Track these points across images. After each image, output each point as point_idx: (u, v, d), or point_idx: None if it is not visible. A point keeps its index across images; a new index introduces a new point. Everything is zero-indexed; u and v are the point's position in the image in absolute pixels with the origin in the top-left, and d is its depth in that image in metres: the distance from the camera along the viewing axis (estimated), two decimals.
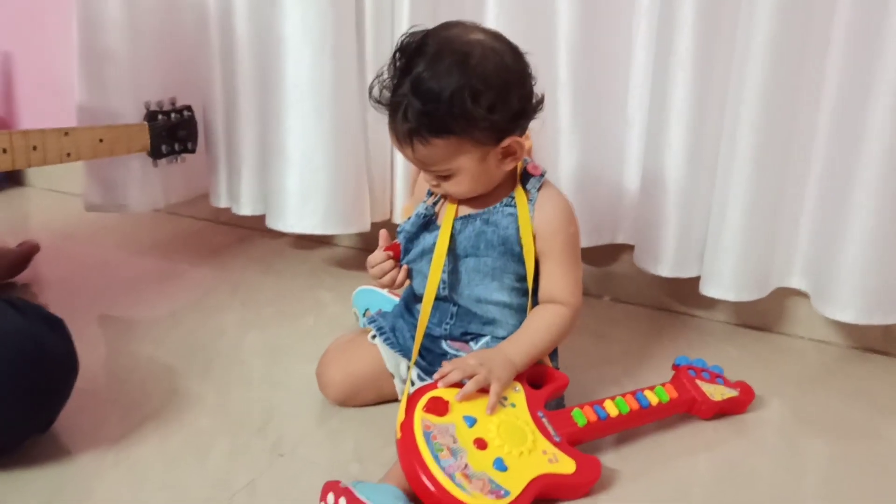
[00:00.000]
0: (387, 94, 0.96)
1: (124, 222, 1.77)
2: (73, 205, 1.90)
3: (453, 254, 1.02)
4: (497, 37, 0.97)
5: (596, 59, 1.31)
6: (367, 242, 1.67)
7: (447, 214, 1.02)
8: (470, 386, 0.93)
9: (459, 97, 0.90)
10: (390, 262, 1.05)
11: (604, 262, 1.47)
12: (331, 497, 0.84)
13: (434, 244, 1.02)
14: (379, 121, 1.49)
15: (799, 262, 1.28)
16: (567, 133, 1.33)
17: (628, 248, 1.43)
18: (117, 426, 1.06)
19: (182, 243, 1.73)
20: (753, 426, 1.10)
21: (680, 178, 1.26)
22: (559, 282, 1.01)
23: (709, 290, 1.28)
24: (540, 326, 1.01)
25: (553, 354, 1.07)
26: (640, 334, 1.36)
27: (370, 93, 0.97)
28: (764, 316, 1.37)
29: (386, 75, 0.96)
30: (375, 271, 1.06)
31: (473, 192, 1.00)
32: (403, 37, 0.96)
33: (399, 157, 1.50)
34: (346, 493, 0.83)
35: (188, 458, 1.00)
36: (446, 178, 0.98)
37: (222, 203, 1.62)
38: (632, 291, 1.46)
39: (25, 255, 1.50)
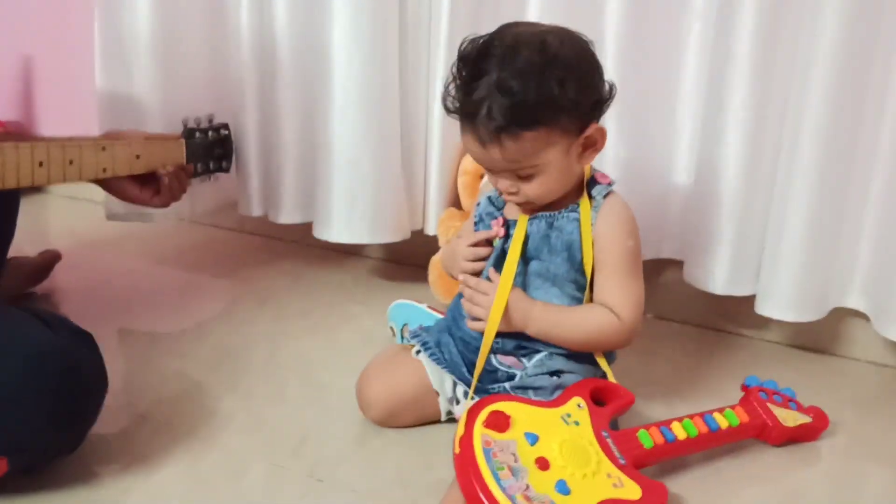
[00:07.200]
0: (456, 103, 0.93)
1: (146, 231, 1.71)
2: (93, 212, 1.85)
3: (522, 256, 0.98)
4: (564, 27, 0.95)
5: (643, 64, 1.26)
6: (394, 254, 1.61)
7: (520, 217, 0.98)
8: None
9: (547, 85, 0.88)
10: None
11: (647, 277, 1.40)
12: None
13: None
14: (413, 128, 1.48)
15: (859, 280, 1.22)
16: (611, 140, 1.27)
17: (672, 263, 1.37)
18: (145, 445, 1.00)
19: (206, 253, 1.68)
20: (815, 450, 1.04)
21: (735, 190, 1.20)
22: (610, 293, 0.97)
23: (765, 309, 1.22)
24: (582, 316, 0.97)
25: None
26: (688, 353, 1.30)
27: (444, 103, 0.94)
28: (818, 337, 1.30)
29: (452, 86, 0.93)
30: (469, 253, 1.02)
31: (553, 192, 0.96)
32: (463, 44, 0.93)
33: (434, 167, 1.44)
34: None
35: (220, 482, 0.95)
36: (529, 178, 0.93)
37: (255, 212, 1.55)
38: (676, 309, 1.40)
39: (46, 264, 1.45)
